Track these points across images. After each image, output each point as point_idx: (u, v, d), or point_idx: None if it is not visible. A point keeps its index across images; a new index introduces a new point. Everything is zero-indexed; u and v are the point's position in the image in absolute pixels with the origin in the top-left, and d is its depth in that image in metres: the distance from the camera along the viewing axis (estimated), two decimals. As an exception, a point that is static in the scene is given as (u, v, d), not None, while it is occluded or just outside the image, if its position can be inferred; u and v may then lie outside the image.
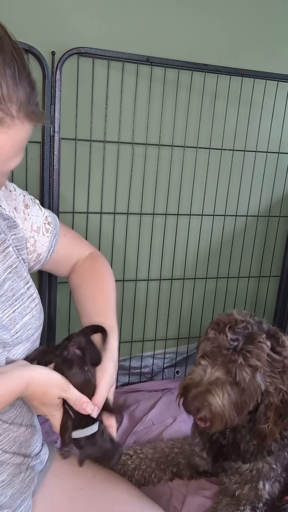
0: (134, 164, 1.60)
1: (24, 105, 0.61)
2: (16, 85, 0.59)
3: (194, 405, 0.97)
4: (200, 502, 1.23)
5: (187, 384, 1.01)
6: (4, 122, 0.59)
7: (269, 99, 1.71)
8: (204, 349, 1.02)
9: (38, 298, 0.86)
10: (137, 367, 1.84)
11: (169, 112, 1.60)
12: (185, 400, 0.99)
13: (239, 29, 1.65)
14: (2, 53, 0.58)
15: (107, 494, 0.96)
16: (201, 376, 0.99)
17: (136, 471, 1.27)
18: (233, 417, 0.99)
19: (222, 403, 0.96)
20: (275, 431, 1.01)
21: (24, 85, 0.61)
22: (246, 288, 1.94)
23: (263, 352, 0.97)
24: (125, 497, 0.96)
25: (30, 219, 0.89)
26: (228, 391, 0.97)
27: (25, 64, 0.62)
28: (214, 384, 0.97)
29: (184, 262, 1.80)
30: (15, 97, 0.59)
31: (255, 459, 1.11)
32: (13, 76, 0.59)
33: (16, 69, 0.60)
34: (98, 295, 0.95)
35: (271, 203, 1.88)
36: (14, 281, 0.81)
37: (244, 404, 0.99)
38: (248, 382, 0.96)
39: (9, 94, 0.58)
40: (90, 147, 1.51)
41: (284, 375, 0.99)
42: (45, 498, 0.93)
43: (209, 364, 0.99)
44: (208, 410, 0.97)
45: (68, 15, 1.42)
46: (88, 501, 0.94)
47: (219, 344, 0.98)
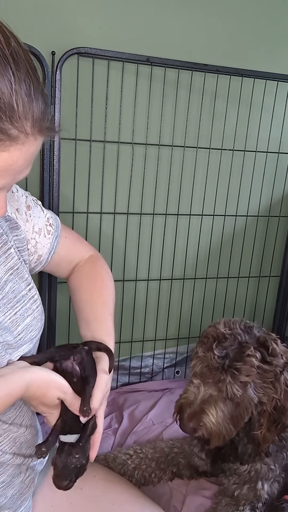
0: (134, 164, 1.60)
1: (38, 122, 0.61)
2: (31, 102, 0.59)
3: (191, 427, 0.99)
4: (200, 502, 1.23)
5: (182, 404, 1.03)
6: (18, 139, 0.59)
7: (269, 99, 1.71)
8: (194, 369, 1.03)
9: (39, 299, 0.86)
10: (137, 367, 1.84)
11: (169, 112, 1.60)
12: (181, 421, 1.02)
13: (239, 29, 1.65)
14: (18, 70, 0.58)
15: (107, 494, 0.96)
16: (195, 394, 1.01)
17: (136, 471, 1.27)
18: (230, 430, 1.01)
19: (216, 421, 0.98)
20: (269, 437, 1.02)
21: (39, 101, 0.61)
22: (246, 288, 1.94)
23: (252, 366, 0.97)
24: (125, 497, 0.96)
25: (32, 220, 0.90)
26: (221, 407, 0.99)
27: (39, 79, 0.62)
28: (207, 402, 0.99)
29: (184, 262, 1.80)
30: (30, 114, 0.59)
31: (253, 461, 1.12)
32: (28, 93, 0.59)
33: (31, 85, 0.59)
34: (97, 298, 0.95)
35: (271, 203, 1.88)
36: (16, 283, 0.81)
37: (240, 417, 1.01)
38: (240, 397, 0.97)
39: (24, 112, 0.58)
40: (90, 147, 1.51)
41: (276, 383, 0.99)
42: (45, 499, 0.93)
43: (201, 382, 1.01)
44: (204, 429, 0.99)
45: (68, 15, 1.42)
46: (88, 501, 0.94)
47: (208, 364, 1.00)
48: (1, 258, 0.80)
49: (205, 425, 0.98)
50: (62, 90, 1.40)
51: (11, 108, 0.57)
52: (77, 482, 0.95)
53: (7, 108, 0.57)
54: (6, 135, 0.58)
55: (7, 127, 0.57)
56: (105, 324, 0.91)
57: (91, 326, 0.90)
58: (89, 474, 0.97)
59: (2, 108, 0.56)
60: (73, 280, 1.00)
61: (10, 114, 0.57)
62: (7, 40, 0.59)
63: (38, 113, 0.60)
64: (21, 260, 0.84)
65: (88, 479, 0.97)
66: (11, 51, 0.58)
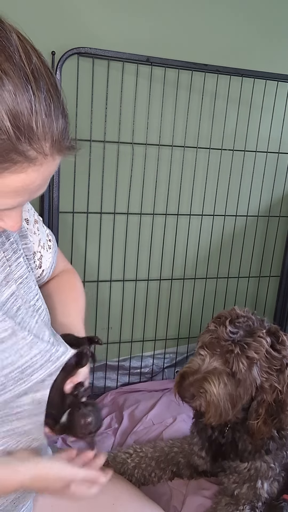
0: (134, 164, 1.60)
1: (57, 142, 0.59)
2: (51, 122, 0.57)
3: (190, 391, 0.99)
4: (200, 502, 1.23)
5: (185, 371, 1.02)
6: (36, 160, 0.57)
7: (269, 99, 1.71)
8: (203, 340, 1.03)
9: (45, 310, 0.84)
10: (137, 367, 1.84)
11: (169, 112, 1.60)
12: (181, 386, 1.00)
13: (239, 29, 1.65)
14: (38, 89, 0.56)
15: (108, 494, 0.95)
16: (199, 365, 1.01)
17: (136, 470, 1.27)
18: (228, 409, 1.00)
19: (217, 392, 0.98)
20: (263, 430, 1.01)
21: (59, 121, 0.59)
22: (246, 288, 1.94)
23: (261, 346, 0.98)
24: (125, 497, 0.96)
25: (39, 234, 0.90)
26: (225, 381, 0.98)
27: (59, 96, 0.60)
28: (211, 373, 0.99)
29: (184, 262, 1.80)
30: (49, 135, 0.57)
31: (253, 458, 1.12)
32: (48, 113, 0.57)
33: (51, 104, 0.57)
34: (75, 310, 0.96)
35: (271, 203, 1.88)
36: (24, 294, 0.80)
37: (239, 397, 1.00)
38: (244, 373, 0.97)
39: (43, 133, 0.56)
40: (90, 147, 1.52)
41: (281, 374, 0.99)
42: (45, 499, 0.93)
43: (207, 354, 1.01)
44: (204, 398, 0.98)
45: (68, 15, 1.42)
46: (88, 501, 0.93)
47: (218, 335, 1.00)
48: (12, 266, 0.79)
49: (206, 393, 0.97)
50: (62, 90, 1.40)
51: (30, 129, 0.55)
52: None
53: (26, 129, 0.55)
54: (24, 157, 0.56)
55: (25, 148, 0.55)
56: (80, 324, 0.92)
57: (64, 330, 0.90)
58: None
59: (21, 130, 0.54)
60: (50, 285, 0.99)
61: (29, 136, 0.55)
62: (28, 56, 0.57)
63: (57, 133, 0.58)
64: (29, 269, 0.84)
65: None
66: (32, 69, 0.56)
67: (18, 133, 0.54)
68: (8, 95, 0.53)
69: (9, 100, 0.53)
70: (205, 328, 1.07)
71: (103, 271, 1.69)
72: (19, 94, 0.54)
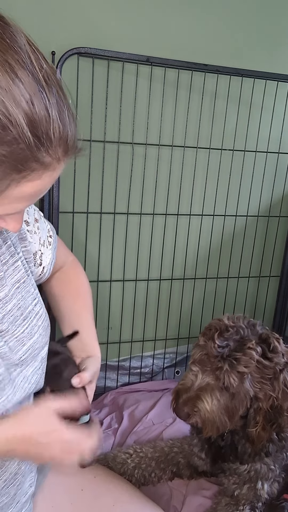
0: (134, 164, 1.60)
1: (70, 147, 0.59)
2: (65, 127, 0.57)
3: (185, 411, 1.00)
4: (200, 502, 1.23)
5: (179, 389, 1.03)
6: (51, 166, 0.57)
7: (269, 99, 1.71)
8: (194, 357, 1.04)
9: (44, 314, 0.84)
10: (137, 367, 1.84)
11: (169, 112, 1.60)
12: (176, 406, 1.02)
13: (239, 29, 1.65)
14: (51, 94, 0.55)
15: (108, 494, 0.96)
16: (192, 381, 1.01)
17: (136, 470, 1.27)
18: (225, 422, 1.01)
19: (211, 409, 0.98)
20: (263, 436, 1.01)
21: (71, 125, 0.58)
22: (246, 288, 1.94)
23: (251, 358, 0.98)
24: (125, 498, 0.96)
25: (39, 232, 0.89)
26: (217, 396, 0.99)
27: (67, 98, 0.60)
28: (203, 390, 0.99)
29: (184, 262, 1.80)
30: (63, 140, 0.57)
31: (252, 461, 1.12)
32: (62, 118, 0.56)
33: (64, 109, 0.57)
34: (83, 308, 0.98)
35: (271, 203, 1.88)
36: (22, 298, 0.79)
37: (235, 409, 1.00)
38: (236, 387, 0.97)
39: (59, 138, 0.56)
40: (90, 147, 1.51)
41: (275, 381, 0.99)
42: (46, 499, 0.93)
43: (199, 370, 1.01)
44: (198, 416, 0.99)
45: (68, 15, 1.42)
46: (89, 501, 0.94)
47: (207, 352, 1.00)
48: (9, 271, 0.77)
49: (200, 411, 0.99)
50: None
51: (48, 137, 0.55)
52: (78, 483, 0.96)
53: (45, 137, 0.54)
54: (41, 164, 0.56)
55: (43, 156, 0.55)
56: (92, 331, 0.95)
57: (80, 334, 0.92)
58: (89, 474, 0.98)
59: (40, 138, 0.54)
60: (56, 284, 1.00)
61: (47, 144, 0.55)
62: (38, 61, 0.56)
63: (70, 138, 0.59)
64: (28, 272, 0.83)
65: (89, 479, 0.97)
66: (43, 74, 0.55)
67: (38, 142, 0.54)
68: (26, 104, 0.52)
69: (27, 108, 0.52)
70: (194, 344, 1.08)
71: (103, 271, 1.69)
72: (36, 102, 0.53)
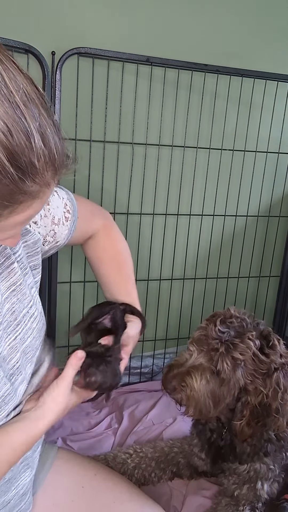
0: (134, 164, 1.60)
1: (59, 167, 0.55)
2: (50, 150, 0.52)
3: (172, 383, 1.00)
4: (200, 502, 1.23)
5: (172, 364, 1.04)
6: (40, 193, 0.54)
7: (269, 99, 1.71)
8: (193, 336, 1.05)
9: (39, 315, 0.82)
10: (137, 367, 1.84)
11: (169, 112, 1.60)
12: (165, 377, 1.02)
13: (239, 29, 1.65)
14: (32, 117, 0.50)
15: (108, 492, 0.96)
16: (186, 359, 1.02)
17: (136, 470, 1.28)
18: (209, 406, 1.00)
19: (198, 388, 0.98)
20: (246, 432, 1.01)
21: (57, 144, 0.53)
22: (246, 288, 1.94)
23: (248, 348, 0.98)
24: (126, 496, 0.96)
25: (51, 214, 0.87)
26: (208, 378, 0.99)
27: (50, 114, 0.54)
28: (195, 368, 0.99)
29: (184, 262, 1.80)
30: (50, 163, 0.53)
31: (251, 460, 1.11)
32: (46, 141, 0.51)
33: (47, 129, 0.52)
34: (118, 276, 0.99)
35: (271, 203, 1.88)
36: (16, 302, 0.77)
37: (222, 396, 1.00)
38: (228, 373, 0.97)
39: (45, 164, 0.52)
40: (90, 147, 1.52)
41: (268, 378, 0.98)
42: (46, 497, 0.93)
43: (196, 349, 1.02)
44: (184, 392, 0.99)
45: (68, 15, 1.42)
46: (89, 499, 0.94)
47: (207, 333, 1.01)
48: (4, 273, 0.75)
49: (187, 387, 0.99)
50: (62, 90, 1.40)
51: (32, 166, 0.51)
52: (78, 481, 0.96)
53: (28, 168, 0.50)
54: (30, 195, 0.52)
55: (29, 186, 0.51)
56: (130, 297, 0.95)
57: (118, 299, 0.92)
58: (90, 472, 0.98)
59: (23, 170, 0.50)
60: (90, 251, 1.01)
61: (31, 173, 0.51)
62: (14, 81, 0.49)
63: (58, 158, 0.54)
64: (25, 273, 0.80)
65: (89, 477, 0.97)
66: (21, 95, 0.50)
67: (21, 174, 0.50)
68: (3, 136, 0.48)
69: (5, 141, 0.48)
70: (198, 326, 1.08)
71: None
72: (14, 132, 0.48)
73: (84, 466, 1.00)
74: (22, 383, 0.76)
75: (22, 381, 0.76)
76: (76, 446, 1.41)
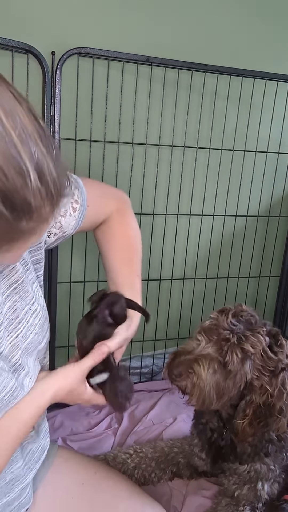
0: (134, 164, 1.60)
1: (57, 199, 0.52)
2: (47, 183, 0.49)
3: (179, 369, 0.97)
4: (200, 503, 1.23)
5: (178, 351, 1.02)
6: (37, 228, 0.52)
7: (269, 99, 1.71)
8: (203, 326, 1.03)
9: (41, 311, 0.81)
10: (137, 367, 1.84)
11: (169, 112, 1.60)
12: (171, 364, 1.00)
13: (239, 29, 1.65)
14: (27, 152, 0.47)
15: (108, 490, 0.96)
16: (194, 347, 1.00)
17: (136, 470, 1.27)
18: (212, 398, 0.98)
19: (205, 376, 0.96)
20: (248, 432, 1.00)
21: (53, 174, 0.50)
22: (246, 288, 1.94)
23: (259, 341, 0.97)
24: (126, 494, 0.96)
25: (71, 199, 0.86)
26: (215, 368, 0.97)
27: (47, 138, 0.50)
28: (203, 356, 0.98)
29: (184, 262, 1.80)
30: (47, 198, 0.50)
31: (252, 460, 1.11)
32: (42, 175, 0.49)
33: (44, 160, 0.49)
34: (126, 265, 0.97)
35: (271, 203, 1.88)
36: (18, 300, 0.76)
37: (226, 389, 0.98)
38: (236, 365, 0.96)
39: (42, 199, 0.49)
40: (90, 147, 1.51)
41: (274, 377, 0.98)
42: (46, 494, 0.93)
43: (204, 339, 1.00)
44: (190, 379, 0.97)
45: (68, 15, 1.42)
46: (89, 496, 0.94)
47: (218, 323, 1.00)
48: (4, 272, 0.75)
49: (193, 374, 0.96)
50: (62, 90, 1.40)
51: (27, 205, 0.48)
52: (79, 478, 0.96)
53: (23, 207, 0.48)
54: (26, 233, 0.51)
55: (25, 224, 0.49)
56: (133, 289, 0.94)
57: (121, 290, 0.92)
58: (90, 470, 0.98)
59: (18, 209, 0.48)
60: (101, 236, 0.98)
61: (27, 212, 0.49)
62: (10, 115, 0.47)
63: (57, 192, 0.51)
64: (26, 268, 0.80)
65: (89, 475, 0.97)
66: (18, 132, 0.47)
67: (16, 214, 0.48)
68: None
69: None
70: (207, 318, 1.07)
71: (103, 271, 1.68)
72: (8, 171, 0.46)
73: (84, 465, 1.00)
74: (26, 376, 0.77)
75: (26, 374, 0.77)
76: (76, 446, 1.41)
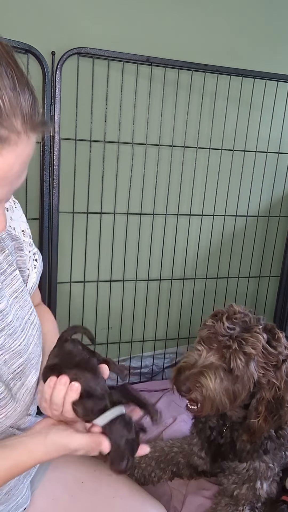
0: (134, 164, 1.60)
1: (28, 118, 0.55)
2: (17, 96, 0.53)
3: (186, 385, 0.98)
4: (200, 502, 1.23)
5: (181, 366, 1.02)
6: (10, 140, 0.54)
7: (269, 99, 1.71)
8: (201, 335, 1.04)
9: (38, 322, 0.82)
10: (137, 367, 1.84)
11: (169, 112, 1.60)
12: (177, 380, 1.00)
13: (239, 29, 1.65)
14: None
15: (108, 488, 0.96)
16: (196, 359, 1.01)
17: (135, 470, 1.27)
18: (225, 403, 0.99)
19: (213, 387, 0.97)
20: (264, 427, 1.01)
21: (25, 94, 0.55)
22: (246, 288, 1.94)
23: (258, 341, 0.98)
24: (125, 492, 0.96)
25: (32, 249, 0.87)
26: (221, 376, 0.98)
27: (22, 71, 0.56)
28: (207, 367, 0.99)
29: (184, 262, 1.80)
30: (18, 110, 0.54)
31: (251, 458, 1.12)
32: (13, 87, 0.53)
33: (14, 78, 0.53)
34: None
35: (271, 203, 1.88)
36: (19, 309, 0.77)
37: (237, 393, 1.00)
38: (241, 369, 0.97)
39: (12, 108, 0.53)
40: (90, 147, 1.52)
41: (278, 370, 0.99)
42: (45, 492, 0.93)
43: (204, 349, 1.01)
44: (200, 392, 0.98)
45: (68, 15, 1.42)
46: (88, 494, 0.94)
47: (215, 331, 1.00)
48: (7, 280, 0.75)
49: (202, 387, 0.97)
50: (62, 90, 1.40)
51: None
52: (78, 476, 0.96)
53: None
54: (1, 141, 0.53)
55: None
56: None
57: None
58: (89, 468, 0.98)
59: None
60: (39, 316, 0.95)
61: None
62: None
63: (26, 107, 0.55)
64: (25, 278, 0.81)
65: (89, 473, 0.97)
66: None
67: None
68: None
69: None
70: (202, 324, 1.08)
71: (103, 271, 1.69)
72: None
73: (83, 463, 1.00)
74: (21, 388, 0.76)
75: (21, 386, 0.76)
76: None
